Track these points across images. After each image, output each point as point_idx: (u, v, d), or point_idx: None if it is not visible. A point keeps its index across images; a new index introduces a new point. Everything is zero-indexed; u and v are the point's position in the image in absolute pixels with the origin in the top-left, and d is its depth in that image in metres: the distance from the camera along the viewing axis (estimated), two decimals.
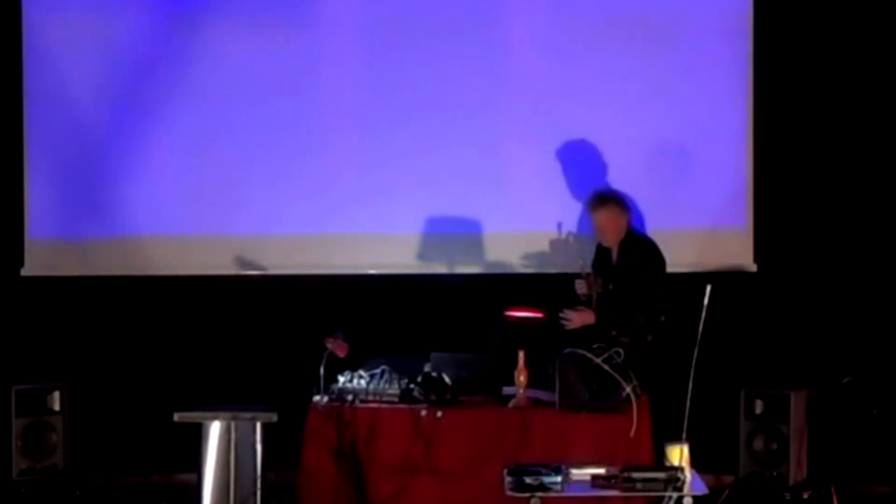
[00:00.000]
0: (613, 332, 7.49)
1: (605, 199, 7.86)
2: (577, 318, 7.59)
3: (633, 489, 6.17)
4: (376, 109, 8.71)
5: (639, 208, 8.39)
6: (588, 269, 7.88)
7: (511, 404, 7.41)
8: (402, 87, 8.69)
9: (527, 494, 6.14)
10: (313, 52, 8.73)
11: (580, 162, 8.63)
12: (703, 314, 6.60)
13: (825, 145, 8.68)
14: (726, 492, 8.13)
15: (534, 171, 8.65)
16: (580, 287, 7.83)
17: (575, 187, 8.60)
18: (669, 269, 7.76)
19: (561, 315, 7.61)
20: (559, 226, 8.59)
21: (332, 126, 8.74)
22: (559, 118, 8.65)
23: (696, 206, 8.57)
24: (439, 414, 7.33)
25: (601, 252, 7.96)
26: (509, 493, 6.19)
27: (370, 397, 7.43)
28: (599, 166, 8.62)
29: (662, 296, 7.60)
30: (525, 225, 8.63)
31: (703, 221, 8.56)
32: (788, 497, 8.02)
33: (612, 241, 7.83)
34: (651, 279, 7.61)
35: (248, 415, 7.50)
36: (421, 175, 8.66)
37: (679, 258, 8.15)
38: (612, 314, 7.58)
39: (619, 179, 8.59)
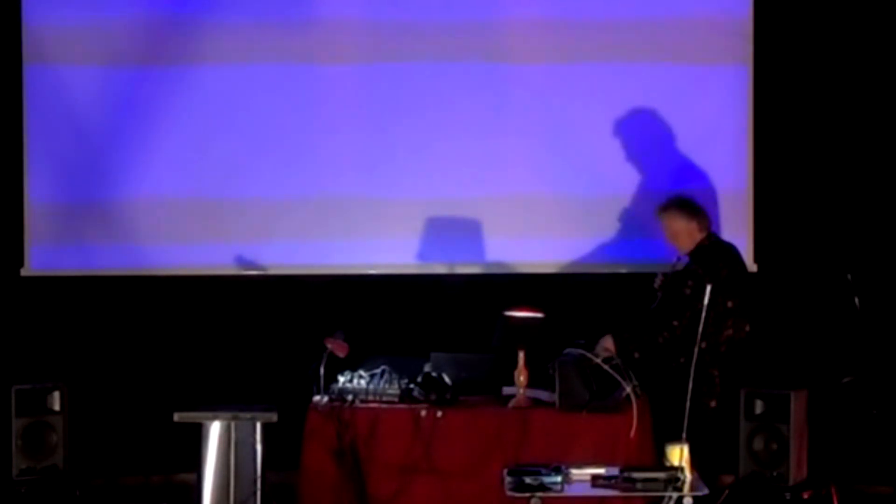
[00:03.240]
0: (636, 355, 7.34)
1: (666, 205, 7.66)
2: (599, 346, 7.38)
3: (633, 489, 6.17)
4: (377, 105, 8.72)
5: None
6: (678, 268, 7.62)
7: (511, 404, 7.41)
8: (405, 85, 8.71)
9: (527, 494, 6.14)
10: (313, 50, 8.73)
11: (580, 161, 8.66)
12: (703, 314, 6.60)
13: (825, 145, 8.69)
14: (726, 492, 8.12)
15: (533, 169, 8.66)
16: (657, 281, 7.64)
17: (578, 187, 8.64)
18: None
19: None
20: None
21: (335, 122, 8.75)
22: (559, 117, 8.65)
23: None
24: (439, 414, 7.33)
25: None
26: (509, 493, 6.19)
27: (370, 397, 7.43)
28: (602, 166, 8.64)
29: (689, 311, 7.26)
30: (525, 221, 8.66)
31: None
32: (788, 497, 8.02)
33: (680, 247, 7.60)
34: (685, 298, 7.33)
35: (248, 415, 7.49)
36: (423, 167, 8.69)
37: None
38: (631, 336, 7.39)
39: (618, 179, 8.61)
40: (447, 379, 7.44)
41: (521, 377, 7.39)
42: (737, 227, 8.58)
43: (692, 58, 8.62)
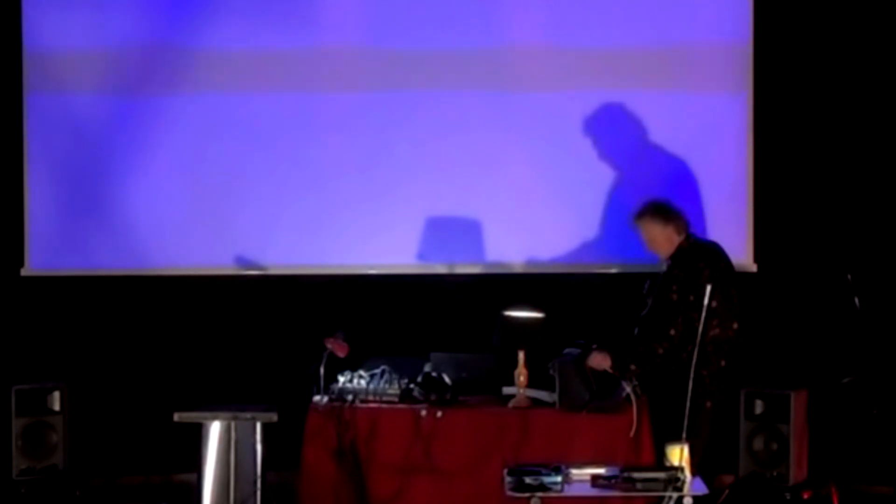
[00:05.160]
0: (632, 367, 7.24)
1: (640, 212, 7.58)
2: (593, 361, 7.28)
3: (633, 489, 6.18)
4: (377, 106, 8.72)
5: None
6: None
7: (511, 404, 7.41)
8: (405, 88, 8.71)
9: (527, 494, 6.15)
10: (314, 48, 8.73)
11: (581, 161, 8.67)
12: (703, 314, 6.60)
13: (825, 145, 8.69)
14: (726, 492, 8.13)
15: (532, 169, 8.67)
16: (646, 288, 7.57)
17: (578, 189, 8.64)
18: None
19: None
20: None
21: (334, 122, 8.75)
22: (559, 117, 8.65)
23: (697, 207, 8.57)
24: (439, 414, 7.33)
25: None
26: (509, 493, 6.20)
27: (370, 397, 7.43)
28: (599, 166, 8.65)
29: (681, 317, 7.24)
30: (525, 223, 8.67)
31: (704, 221, 8.56)
32: (788, 497, 8.02)
33: (660, 253, 7.54)
34: (674, 304, 7.28)
35: (248, 415, 7.50)
36: (422, 170, 8.71)
37: None
38: (628, 350, 7.30)
39: (618, 179, 8.61)
40: (447, 379, 7.44)
41: (521, 377, 7.39)
42: (737, 227, 8.60)
43: (692, 59, 8.63)
